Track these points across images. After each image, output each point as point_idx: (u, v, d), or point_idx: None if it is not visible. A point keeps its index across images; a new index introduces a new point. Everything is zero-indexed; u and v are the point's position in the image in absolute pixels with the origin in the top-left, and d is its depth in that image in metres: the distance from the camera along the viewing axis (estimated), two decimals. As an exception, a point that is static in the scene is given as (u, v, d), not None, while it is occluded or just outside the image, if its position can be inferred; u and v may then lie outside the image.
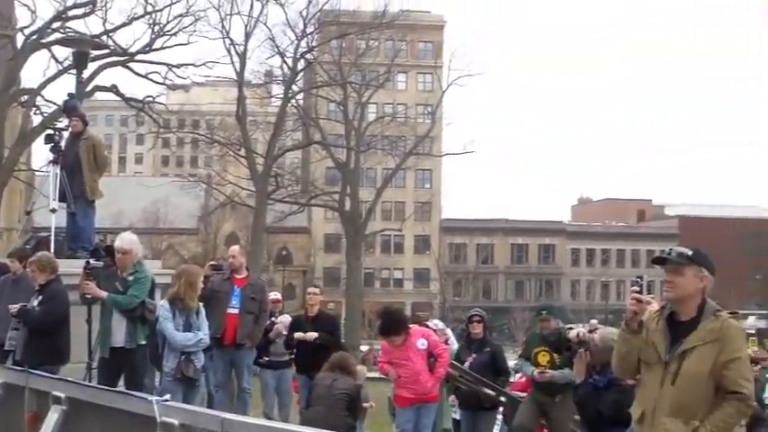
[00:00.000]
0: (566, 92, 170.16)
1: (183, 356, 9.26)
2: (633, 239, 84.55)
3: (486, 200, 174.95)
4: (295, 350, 12.42)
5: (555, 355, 9.95)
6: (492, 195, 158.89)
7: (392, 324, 9.93)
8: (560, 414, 10.03)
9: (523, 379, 11.77)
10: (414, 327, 10.43)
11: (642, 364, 5.36)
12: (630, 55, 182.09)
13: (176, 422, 3.95)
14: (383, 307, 10.66)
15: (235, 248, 12.20)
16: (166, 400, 4.17)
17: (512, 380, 12.17)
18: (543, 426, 10.75)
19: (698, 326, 5.20)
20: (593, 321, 27.73)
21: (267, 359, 12.83)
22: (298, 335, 11.88)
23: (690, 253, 5.32)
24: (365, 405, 13.59)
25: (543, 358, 10.05)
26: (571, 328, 7.66)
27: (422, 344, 9.90)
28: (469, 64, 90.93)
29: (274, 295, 13.96)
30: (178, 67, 40.53)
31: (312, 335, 11.68)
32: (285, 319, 13.32)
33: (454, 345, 12.75)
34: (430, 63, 73.48)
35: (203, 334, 9.47)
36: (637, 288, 5.37)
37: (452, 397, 11.72)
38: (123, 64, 39.41)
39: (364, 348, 39.50)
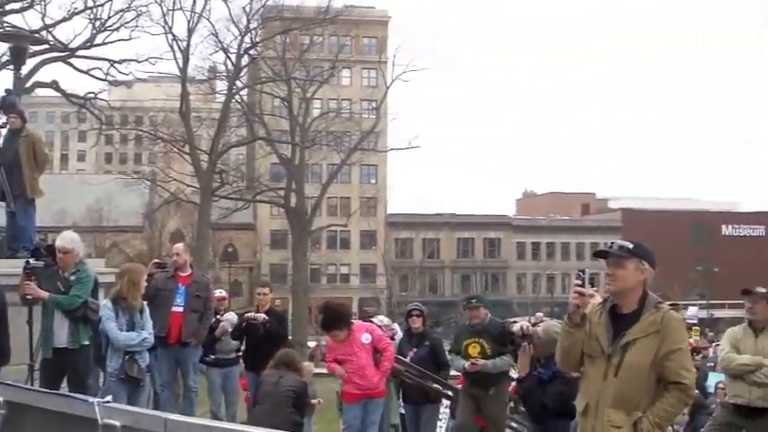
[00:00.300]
0: (519, 89, 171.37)
1: (127, 356, 9.16)
2: (577, 233, 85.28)
3: (432, 195, 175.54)
4: (243, 347, 12.40)
5: (486, 345, 9.95)
6: (437, 190, 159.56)
7: (333, 319, 9.90)
8: (494, 407, 10.09)
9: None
10: (357, 322, 10.46)
11: (585, 357, 5.42)
12: (601, 54, 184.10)
13: (118, 424, 3.89)
14: (324, 302, 10.62)
15: (179, 246, 12.11)
16: (108, 402, 4.11)
17: (455, 373, 12.20)
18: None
19: (640, 318, 5.27)
20: (539, 314, 27.93)
21: (213, 357, 12.77)
22: (248, 315, 11.90)
23: (631, 246, 5.39)
24: (313, 401, 13.57)
25: (474, 350, 10.05)
26: (514, 322, 7.71)
27: (366, 338, 9.88)
28: (414, 59, 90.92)
29: (219, 293, 13.90)
30: (120, 62, 40.19)
31: (261, 315, 11.68)
32: (231, 316, 13.26)
33: (402, 339, 12.79)
34: (374, 59, 73.39)
35: (147, 333, 9.38)
36: (579, 281, 5.41)
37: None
38: (64, 60, 38.92)
39: (312, 344, 39.36)
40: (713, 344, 32.63)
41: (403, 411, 11.80)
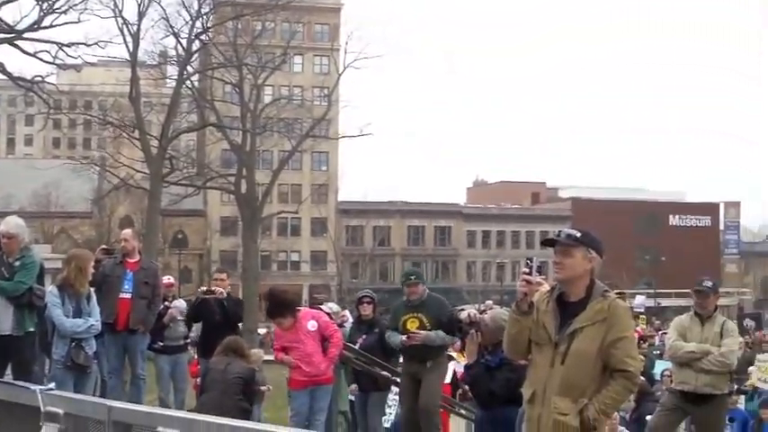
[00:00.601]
0: (472, 78, 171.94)
1: (74, 343, 9.08)
2: (528, 221, 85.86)
3: (383, 183, 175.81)
4: (197, 332, 12.36)
5: (425, 320, 9.85)
6: (389, 178, 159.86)
7: (278, 306, 9.87)
8: (430, 376, 9.92)
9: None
10: (304, 309, 10.42)
11: (533, 345, 5.44)
12: (554, 43, 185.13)
13: (61, 411, 3.85)
14: (269, 289, 10.57)
15: (127, 232, 11.98)
16: (51, 390, 4.06)
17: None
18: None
19: (586, 306, 5.30)
20: (489, 302, 28.12)
21: (162, 344, 12.70)
22: (203, 288, 11.88)
23: (578, 235, 5.41)
24: (262, 388, 13.56)
25: (413, 325, 9.90)
26: (462, 310, 7.73)
27: (312, 325, 9.86)
28: (366, 47, 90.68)
29: (167, 279, 13.79)
30: (69, 46, 39.45)
31: (219, 289, 11.64)
32: (180, 303, 13.20)
33: (353, 326, 12.80)
34: (326, 46, 73.08)
35: (94, 320, 9.29)
36: (527, 269, 5.42)
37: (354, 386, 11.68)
38: (10, 42, 38.19)
39: (262, 331, 39.27)
40: (660, 332, 33.08)
41: (352, 398, 11.82)
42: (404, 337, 9.89)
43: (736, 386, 12.25)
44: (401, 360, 10.71)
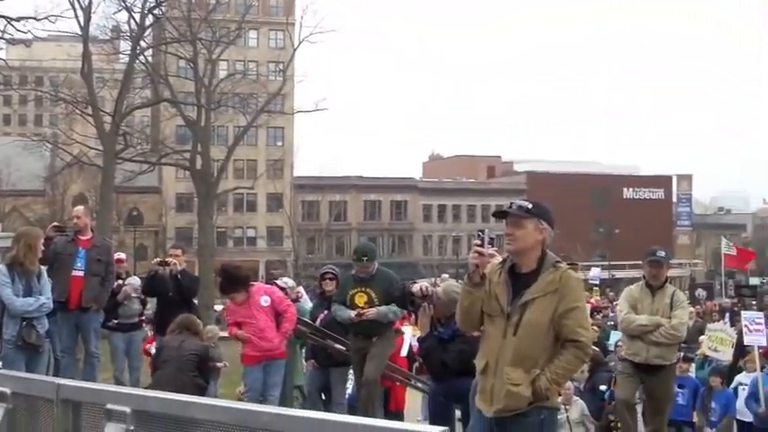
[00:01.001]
0: (429, 53, 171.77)
1: (25, 322, 8.99)
2: (483, 195, 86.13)
3: (339, 158, 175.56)
4: (152, 309, 12.28)
5: (374, 295, 9.74)
6: (345, 153, 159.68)
7: (230, 281, 9.88)
8: (375, 350, 9.82)
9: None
10: (257, 284, 10.42)
11: (485, 317, 5.47)
12: (514, 23, 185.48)
13: (9, 391, 3.82)
14: (221, 265, 10.57)
15: (79, 209, 11.84)
16: (-3, 369, 4.04)
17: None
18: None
19: (538, 277, 5.34)
20: (445, 275, 28.24)
21: (116, 322, 12.62)
22: (157, 260, 11.82)
23: (530, 206, 5.44)
24: (218, 365, 13.51)
25: (361, 299, 9.79)
26: (414, 282, 7.73)
27: (265, 301, 9.87)
28: (321, 21, 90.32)
29: (117, 255, 13.66)
30: (18, 20, 38.79)
31: (174, 261, 11.57)
32: (134, 281, 13.11)
33: (308, 303, 12.76)
34: (281, 20, 72.61)
35: (45, 298, 9.20)
36: (478, 241, 5.43)
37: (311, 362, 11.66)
38: (-44, 17, 37.55)
39: (219, 308, 39.11)
40: (614, 303, 33.43)
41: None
42: (353, 313, 9.75)
43: (682, 354, 12.39)
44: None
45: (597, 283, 45.77)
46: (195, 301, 12.94)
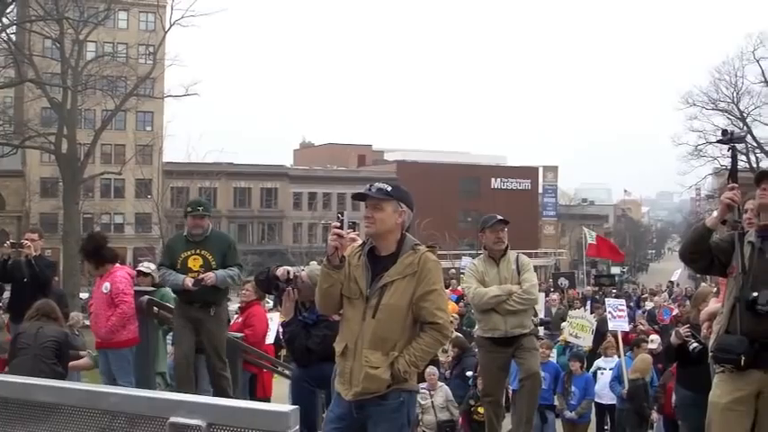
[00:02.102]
0: (301, 38, 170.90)
1: None
2: (353, 183, 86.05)
3: (209, 144, 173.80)
4: (6, 295, 11.97)
5: (210, 258, 9.27)
6: (215, 139, 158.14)
7: (91, 250, 9.80)
8: (214, 326, 9.47)
9: (240, 319, 11.79)
10: (114, 269, 9.95)
11: (344, 300, 5.50)
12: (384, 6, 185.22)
13: None
14: (94, 232, 10.37)
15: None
16: None
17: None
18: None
19: (397, 260, 5.39)
20: (313, 263, 28.31)
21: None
22: (10, 242, 11.50)
23: (389, 189, 5.47)
24: (81, 353, 13.28)
25: (195, 263, 9.28)
26: (279, 266, 7.71)
27: (105, 288, 9.67)
28: (194, 4, 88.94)
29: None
30: None
31: (28, 243, 11.23)
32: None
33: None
34: (152, 2, 71.25)
35: None
36: (338, 223, 5.44)
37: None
38: None
39: (84, 296, 38.34)
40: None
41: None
42: (189, 280, 9.20)
43: (539, 319, 12.48)
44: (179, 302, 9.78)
45: (464, 272, 46.19)
46: (58, 286, 12.67)
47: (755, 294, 5.44)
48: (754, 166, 54.21)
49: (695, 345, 8.33)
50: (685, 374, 8.83)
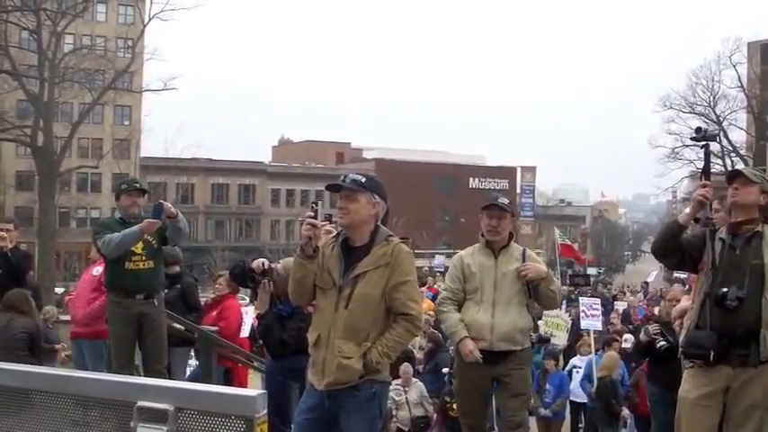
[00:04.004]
0: (282, 33, 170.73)
1: None
2: (332, 180, 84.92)
3: (188, 139, 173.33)
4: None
5: (150, 237, 8.48)
6: (193, 134, 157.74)
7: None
8: (161, 319, 8.92)
9: (214, 312, 11.76)
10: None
11: (318, 290, 5.52)
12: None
13: None
14: None
15: None
16: None
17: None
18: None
19: (371, 251, 5.41)
20: (289, 259, 28.28)
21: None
22: None
23: (363, 180, 5.52)
24: (56, 347, 13.23)
25: (137, 245, 8.50)
26: (255, 259, 7.71)
27: (97, 271, 9.63)
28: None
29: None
30: None
31: (6, 237, 11.02)
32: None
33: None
34: (131, -5, 71.04)
35: None
36: (311, 213, 5.47)
37: None
38: None
39: (59, 290, 38.12)
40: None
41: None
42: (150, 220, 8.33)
43: (536, 335, 12.15)
44: None
45: (442, 270, 46.58)
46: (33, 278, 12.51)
47: (725, 290, 5.50)
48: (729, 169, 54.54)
49: (662, 343, 8.42)
50: (655, 372, 8.90)
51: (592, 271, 74.05)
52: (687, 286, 9.33)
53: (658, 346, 8.43)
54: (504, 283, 7.05)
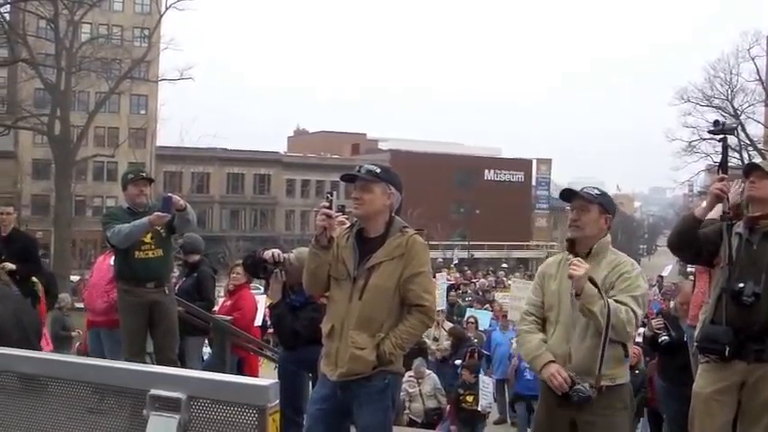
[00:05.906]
0: (299, 22, 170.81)
1: None
2: (347, 171, 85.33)
3: (204, 128, 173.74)
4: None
5: (159, 227, 8.55)
6: (209, 124, 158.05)
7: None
8: (173, 306, 8.93)
9: (229, 302, 11.78)
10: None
11: (332, 281, 5.52)
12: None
13: None
14: None
15: None
16: None
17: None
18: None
19: (385, 242, 5.40)
20: (303, 249, 28.44)
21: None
22: None
23: (378, 170, 5.48)
24: (72, 334, 13.31)
25: (146, 235, 8.51)
26: (266, 249, 7.69)
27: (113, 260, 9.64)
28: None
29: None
30: None
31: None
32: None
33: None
34: (148, -16, 71.16)
35: None
36: (326, 203, 5.46)
37: None
38: None
39: (75, 278, 38.32)
40: (471, 281, 34.39)
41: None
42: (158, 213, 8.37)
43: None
44: None
45: (457, 261, 46.74)
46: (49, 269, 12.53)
47: (741, 285, 5.45)
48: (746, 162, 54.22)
49: (664, 338, 8.46)
50: (661, 366, 8.91)
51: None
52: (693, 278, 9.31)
53: (660, 340, 8.46)
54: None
